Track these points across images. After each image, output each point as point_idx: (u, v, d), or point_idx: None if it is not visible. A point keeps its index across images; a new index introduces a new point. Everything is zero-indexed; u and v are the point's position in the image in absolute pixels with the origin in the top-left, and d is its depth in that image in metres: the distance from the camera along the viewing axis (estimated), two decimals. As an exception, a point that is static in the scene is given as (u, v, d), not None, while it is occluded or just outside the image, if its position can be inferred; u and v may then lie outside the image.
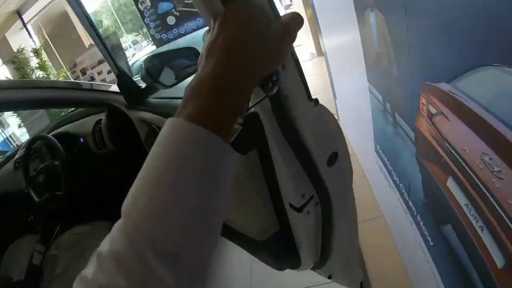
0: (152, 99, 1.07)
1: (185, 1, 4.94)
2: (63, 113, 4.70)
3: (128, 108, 1.14)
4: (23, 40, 5.68)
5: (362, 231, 1.65)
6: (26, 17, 5.60)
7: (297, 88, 0.54)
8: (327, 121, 0.62)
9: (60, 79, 4.78)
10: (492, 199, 0.63)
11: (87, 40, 6.55)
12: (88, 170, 1.57)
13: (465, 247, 0.78)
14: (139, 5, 4.80)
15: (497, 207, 0.61)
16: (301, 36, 5.06)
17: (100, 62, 5.48)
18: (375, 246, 1.61)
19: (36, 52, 5.42)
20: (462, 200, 0.75)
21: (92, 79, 5.97)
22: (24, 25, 5.71)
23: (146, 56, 1.03)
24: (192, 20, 5.20)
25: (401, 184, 1.21)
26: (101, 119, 1.46)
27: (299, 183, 0.65)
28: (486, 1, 0.49)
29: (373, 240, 1.63)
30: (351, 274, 1.01)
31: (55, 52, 6.23)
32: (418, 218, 1.09)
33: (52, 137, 1.46)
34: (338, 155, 0.65)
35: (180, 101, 0.31)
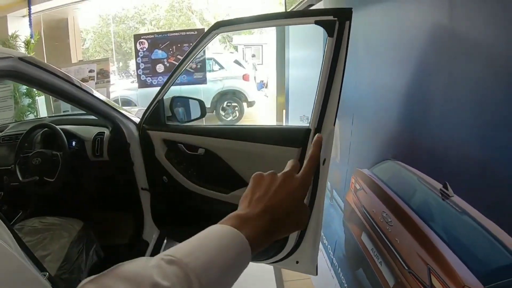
0: (170, 124, 1.45)
1: (178, 56, 5.15)
2: (28, 113, 4.41)
3: (146, 129, 1.46)
4: (21, 28, 5.37)
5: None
6: (33, 8, 5.42)
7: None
8: None
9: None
10: (386, 240, 1.06)
11: (74, 56, 6.48)
12: (80, 171, 1.70)
13: (370, 281, 1.17)
14: (138, 44, 5.09)
15: (389, 244, 1.04)
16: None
17: (84, 81, 5.40)
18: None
19: (27, 44, 5.12)
20: (369, 245, 1.17)
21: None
22: (30, 14, 5.54)
23: (170, 96, 1.43)
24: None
25: (329, 246, 1.61)
26: (101, 132, 1.65)
27: None
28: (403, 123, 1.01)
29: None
30: (314, 257, 1.25)
31: (44, 52, 5.93)
32: (339, 270, 1.47)
33: (59, 129, 1.58)
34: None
35: None
